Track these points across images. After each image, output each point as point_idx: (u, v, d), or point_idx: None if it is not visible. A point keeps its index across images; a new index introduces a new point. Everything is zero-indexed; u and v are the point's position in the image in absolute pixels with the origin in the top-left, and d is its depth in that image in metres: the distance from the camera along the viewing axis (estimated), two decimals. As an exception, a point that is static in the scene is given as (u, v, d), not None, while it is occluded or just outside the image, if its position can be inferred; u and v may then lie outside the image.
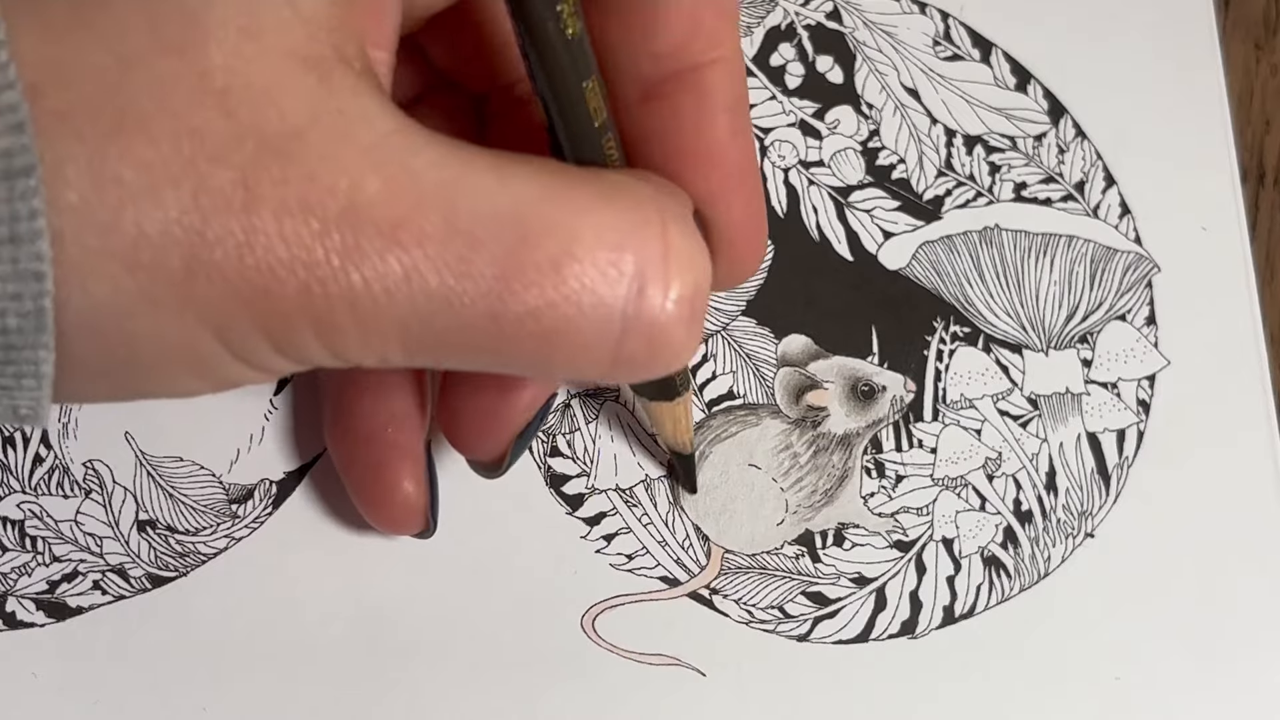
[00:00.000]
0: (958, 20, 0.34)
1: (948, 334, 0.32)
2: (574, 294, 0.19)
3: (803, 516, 0.31)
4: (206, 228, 0.18)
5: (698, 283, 0.20)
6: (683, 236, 0.20)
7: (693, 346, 0.21)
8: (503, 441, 0.27)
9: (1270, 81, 0.35)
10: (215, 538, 0.31)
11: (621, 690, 0.30)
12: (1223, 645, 0.31)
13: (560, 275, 0.19)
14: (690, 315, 0.20)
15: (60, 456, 0.31)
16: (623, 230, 0.20)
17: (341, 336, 0.19)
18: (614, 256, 0.19)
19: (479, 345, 0.20)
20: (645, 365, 0.21)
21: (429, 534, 0.29)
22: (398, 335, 0.19)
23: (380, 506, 0.28)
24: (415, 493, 0.28)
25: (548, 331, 0.19)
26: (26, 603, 0.30)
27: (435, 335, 0.19)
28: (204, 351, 0.19)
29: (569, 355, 0.20)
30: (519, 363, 0.20)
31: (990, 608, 0.31)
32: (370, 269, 0.18)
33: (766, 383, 0.32)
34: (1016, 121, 0.33)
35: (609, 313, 0.20)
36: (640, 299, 0.20)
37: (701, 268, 0.21)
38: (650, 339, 0.20)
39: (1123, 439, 0.32)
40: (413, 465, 0.28)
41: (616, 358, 0.20)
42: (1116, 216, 0.33)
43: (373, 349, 0.20)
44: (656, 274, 0.20)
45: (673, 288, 0.20)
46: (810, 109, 0.33)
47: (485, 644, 0.30)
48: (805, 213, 0.33)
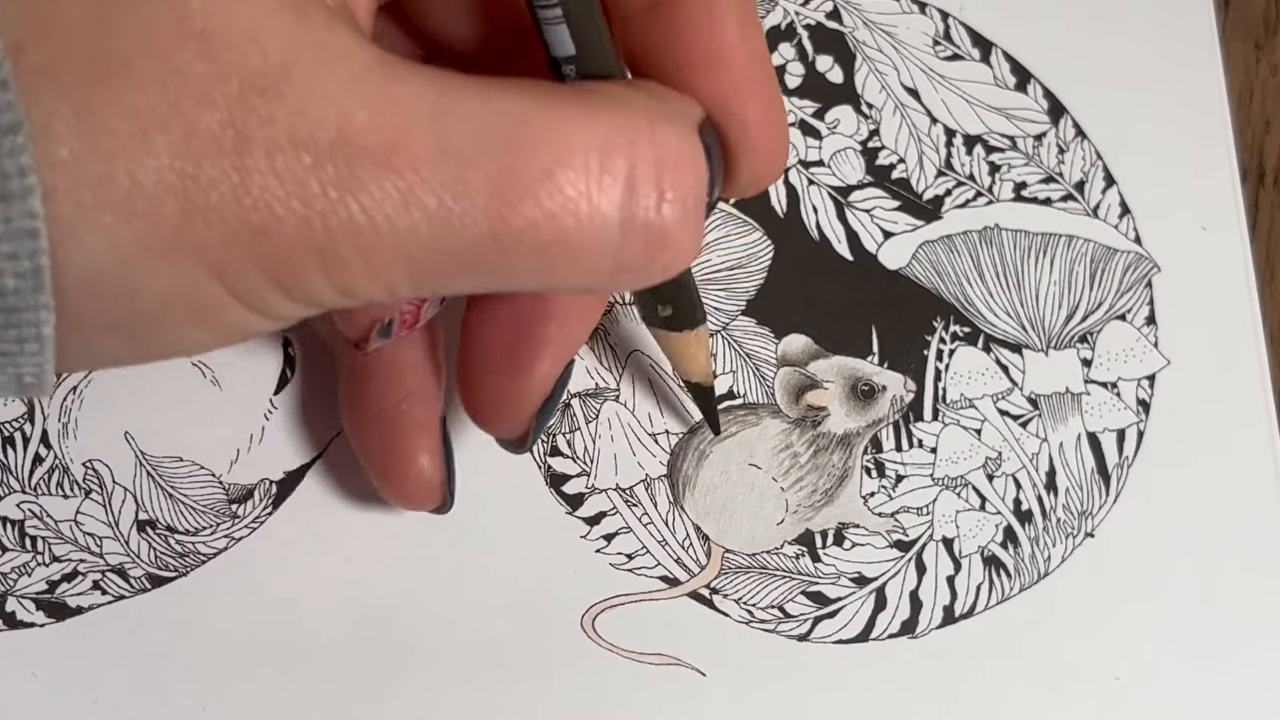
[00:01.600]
0: (958, 20, 0.34)
1: (948, 334, 0.32)
2: (569, 202, 0.19)
3: (803, 516, 0.31)
4: (199, 171, 0.18)
5: (690, 182, 0.21)
6: (672, 137, 0.20)
7: (692, 246, 0.21)
8: (524, 417, 0.27)
9: (1270, 81, 0.35)
10: (215, 538, 0.31)
11: (621, 690, 0.30)
12: (1223, 645, 0.31)
13: (554, 184, 0.19)
14: (685, 214, 0.20)
15: (60, 456, 0.31)
16: (611, 135, 0.20)
17: (346, 269, 0.19)
18: (604, 161, 0.20)
19: (483, 264, 0.20)
20: (646, 268, 0.21)
21: (446, 509, 0.29)
22: (402, 262, 0.19)
23: (398, 482, 0.28)
24: (432, 467, 0.28)
25: (547, 243, 0.19)
26: (26, 602, 0.30)
27: (439, 258, 0.19)
28: (208, 298, 0.19)
29: (571, 264, 0.20)
30: (523, 277, 0.20)
31: (990, 607, 0.31)
32: (368, 197, 0.18)
33: (766, 382, 0.32)
34: (1016, 121, 0.33)
35: (605, 219, 0.20)
36: (633, 201, 0.20)
37: (694, 167, 0.21)
38: (647, 241, 0.20)
39: (1123, 439, 0.32)
40: (429, 440, 0.28)
41: (617, 263, 0.20)
42: (1116, 216, 0.33)
43: (379, 280, 0.19)
44: (647, 175, 0.20)
45: (667, 188, 0.20)
46: (810, 109, 0.33)
47: (485, 644, 0.30)
48: (805, 212, 0.33)
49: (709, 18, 0.23)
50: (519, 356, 0.26)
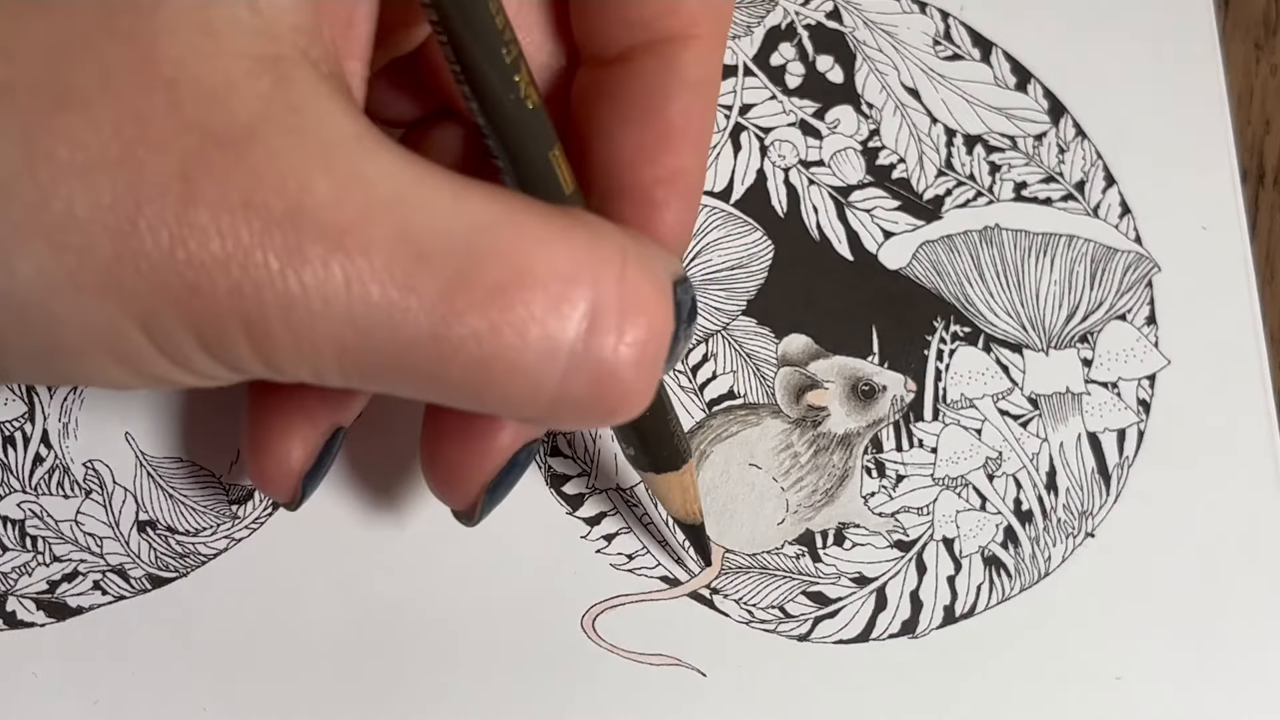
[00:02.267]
0: (958, 20, 0.34)
1: (948, 334, 0.32)
2: (519, 322, 0.19)
3: (803, 516, 0.31)
4: (139, 216, 0.17)
5: (653, 330, 0.20)
6: (643, 277, 0.20)
7: (645, 393, 0.20)
8: (473, 489, 0.26)
9: (1270, 81, 0.35)
10: (215, 538, 0.31)
11: (621, 690, 0.30)
12: (1223, 645, 0.31)
13: (507, 300, 0.18)
14: (642, 359, 0.20)
15: (60, 456, 0.31)
16: (579, 263, 0.19)
17: (274, 344, 0.18)
18: (566, 290, 0.19)
19: (417, 367, 0.19)
20: (589, 407, 0.20)
21: (293, 507, 0.28)
22: (333, 348, 0.19)
23: (259, 457, 0.26)
24: (298, 457, 0.26)
25: (488, 358, 0.19)
26: (27, 602, 0.30)
27: (372, 351, 0.19)
28: (129, 343, 0.19)
29: (508, 386, 0.19)
30: (457, 390, 0.19)
31: (991, 607, 0.31)
32: (310, 275, 0.18)
33: (767, 382, 0.32)
34: (1017, 121, 0.33)
35: (554, 346, 0.19)
36: (589, 336, 0.19)
37: (660, 315, 0.20)
38: (596, 379, 0.19)
39: (1123, 439, 0.32)
40: (310, 432, 0.26)
41: (559, 395, 0.19)
42: (1117, 216, 0.33)
43: (306, 360, 0.19)
44: (610, 312, 0.19)
45: (627, 329, 0.19)
46: (810, 108, 0.33)
47: (485, 644, 0.30)
48: (805, 212, 0.33)
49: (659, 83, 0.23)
50: (480, 425, 0.25)
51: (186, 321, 0.18)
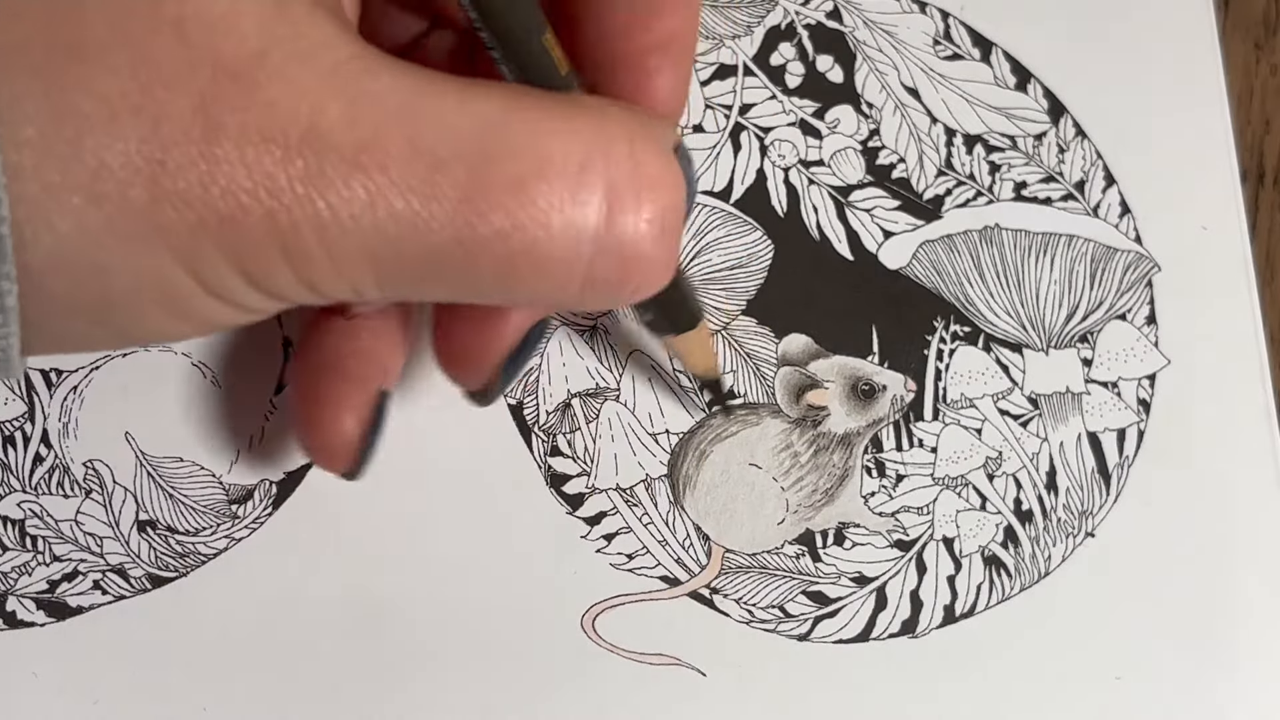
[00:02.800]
0: (958, 20, 0.34)
1: (948, 333, 0.32)
2: (541, 215, 0.19)
3: (803, 516, 0.31)
4: (168, 156, 0.18)
5: (669, 200, 0.20)
6: (652, 154, 0.20)
7: (668, 265, 0.21)
8: (489, 368, 0.26)
9: (1270, 81, 0.35)
10: (215, 538, 0.31)
11: (621, 690, 0.30)
12: (1223, 645, 0.31)
13: (526, 195, 0.19)
14: (662, 233, 0.20)
15: (60, 456, 0.31)
16: (589, 149, 0.19)
17: (312, 265, 0.19)
18: (581, 176, 0.19)
19: (449, 271, 0.19)
20: (618, 287, 0.20)
21: (354, 476, 0.28)
22: (368, 262, 0.19)
23: (314, 434, 0.27)
24: (352, 427, 0.27)
25: (516, 254, 0.19)
26: (27, 602, 0.30)
27: (404, 261, 0.19)
28: (175, 285, 0.19)
29: (537, 278, 0.20)
30: (490, 288, 0.20)
31: (991, 607, 0.31)
32: (335, 194, 0.18)
33: (767, 382, 0.32)
34: (1016, 121, 0.33)
35: (578, 234, 0.19)
36: (610, 218, 0.19)
37: (673, 185, 0.20)
38: (622, 259, 0.20)
39: (1123, 438, 0.32)
40: (360, 400, 0.27)
41: (588, 279, 0.20)
42: (1117, 216, 0.33)
43: (344, 277, 0.19)
44: (626, 192, 0.20)
45: (644, 206, 0.20)
46: (810, 108, 0.33)
47: (485, 644, 0.30)
48: (805, 212, 0.33)
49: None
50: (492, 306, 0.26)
51: (227, 254, 0.19)
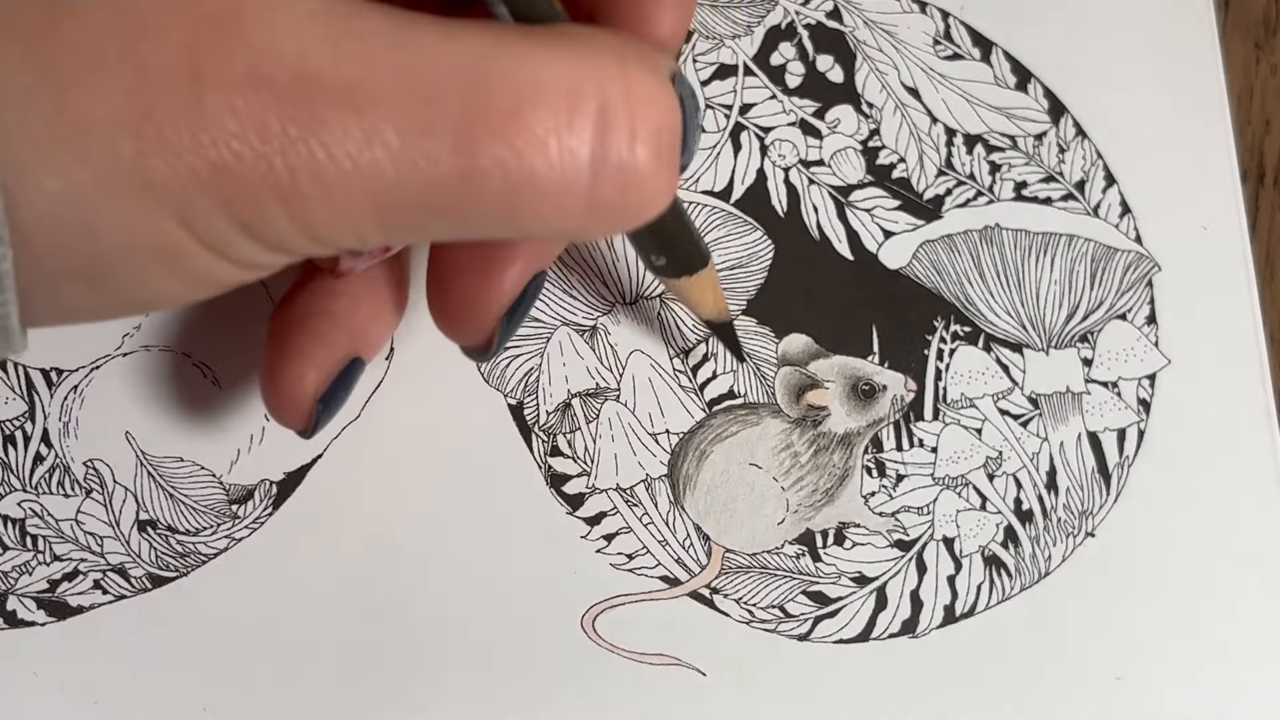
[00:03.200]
0: (958, 19, 0.34)
1: (948, 333, 0.32)
2: (538, 141, 0.19)
3: (803, 516, 0.31)
4: (154, 107, 0.18)
5: (664, 120, 0.20)
6: (644, 74, 0.20)
7: (668, 185, 0.21)
8: (488, 322, 0.26)
9: (1270, 81, 0.35)
10: (216, 538, 0.31)
11: (621, 690, 0.30)
12: (1222, 645, 0.31)
13: (522, 123, 0.19)
14: (658, 153, 0.20)
15: (61, 455, 0.31)
16: (579, 73, 0.19)
17: (310, 210, 0.19)
18: (573, 100, 0.19)
19: (450, 207, 0.19)
20: (619, 211, 0.20)
21: (308, 435, 0.27)
22: (368, 203, 0.19)
23: (273, 384, 0.27)
24: (312, 383, 0.26)
25: (515, 184, 0.19)
26: (27, 601, 0.30)
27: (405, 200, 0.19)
28: (171, 241, 0.19)
29: (540, 206, 0.20)
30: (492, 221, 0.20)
31: (991, 607, 0.31)
32: (329, 135, 0.18)
33: (767, 382, 0.32)
34: (1017, 121, 0.33)
35: (575, 159, 0.19)
36: (605, 140, 0.19)
37: (667, 105, 0.20)
38: (621, 182, 0.20)
39: (1123, 438, 0.32)
40: (325, 359, 0.27)
41: (590, 205, 0.20)
42: (1117, 216, 0.33)
43: (344, 221, 0.19)
44: (620, 114, 0.19)
45: (639, 126, 0.20)
46: (810, 108, 0.33)
47: (485, 644, 0.30)
48: (806, 212, 0.33)
49: None
50: (490, 255, 0.26)
51: (221, 204, 0.18)
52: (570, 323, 0.32)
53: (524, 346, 0.32)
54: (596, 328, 0.32)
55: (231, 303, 0.31)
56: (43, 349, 0.31)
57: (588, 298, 0.32)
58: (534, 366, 0.32)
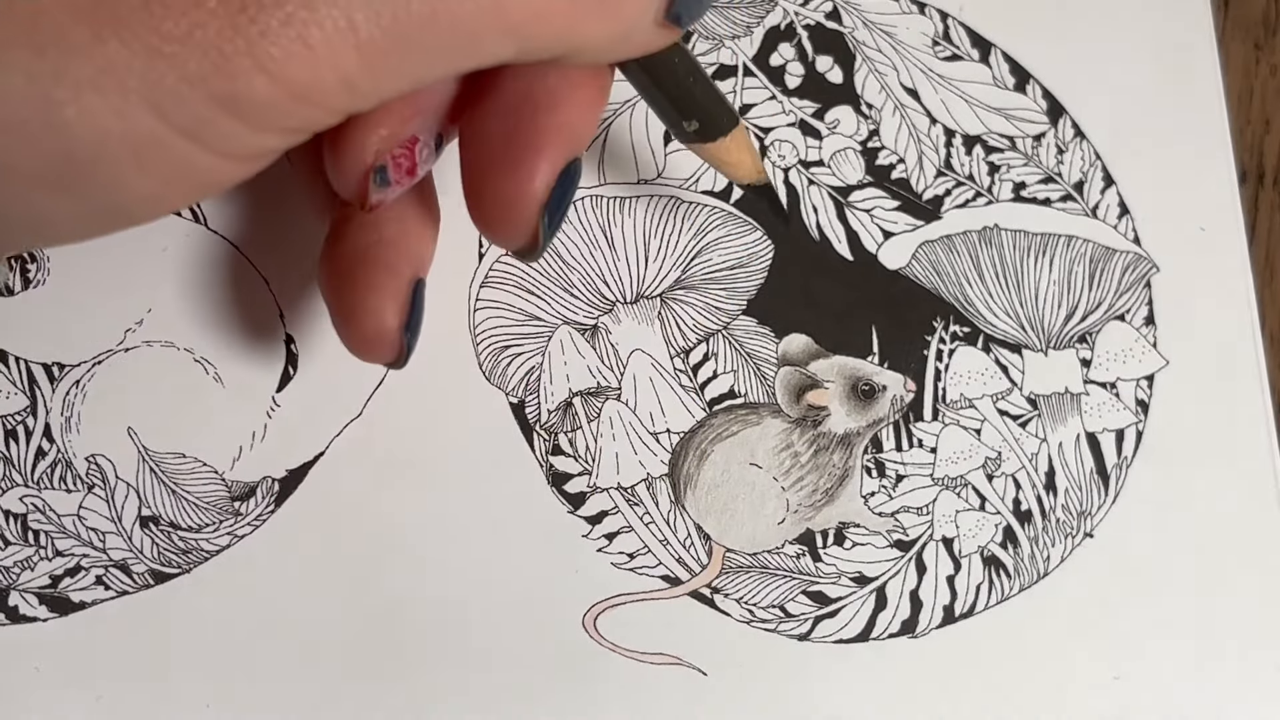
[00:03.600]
0: (957, 20, 0.34)
1: (947, 334, 0.32)
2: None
3: (803, 516, 0.31)
4: None
5: None
6: None
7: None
8: (530, 218, 0.25)
9: (1270, 81, 0.35)
10: (218, 535, 0.31)
11: (622, 689, 0.30)
12: (1222, 644, 0.31)
13: None
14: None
15: (63, 450, 0.31)
16: None
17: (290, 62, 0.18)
18: None
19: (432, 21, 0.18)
20: None
21: (400, 364, 0.27)
22: (346, 39, 0.18)
23: (354, 322, 0.26)
24: (392, 315, 0.26)
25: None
26: (29, 597, 0.31)
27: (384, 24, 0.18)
28: (143, 129, 0.18)
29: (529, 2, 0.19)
30: (477, 27, 0.19)
31: (990, 607, 0.31)
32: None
33: (767, 382, 0.32)
34: (1016, 121, 0.33)
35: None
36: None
37: None
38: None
39: (1122, 439, 0.32)
40: (395, 288, 0.26)
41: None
42: (1115, 216, 0.33)
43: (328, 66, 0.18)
44: None
45: None
46: (810, 109, 0.34)
47: (486, 643, 0.30)
48: (805, 212, 0.33)
49: None
50: (519, 152, 0.25)
51: (192, 79, 0.18)
52: (571, 322, 0.32)
53: (525, 345, 0.32)
54: (598, 327, 0.32)
55: (234, 299, 0.32)
56: (46, 344, 0.31)
57: (588, 297, 0.32)
58: (535, 365, 0.32)
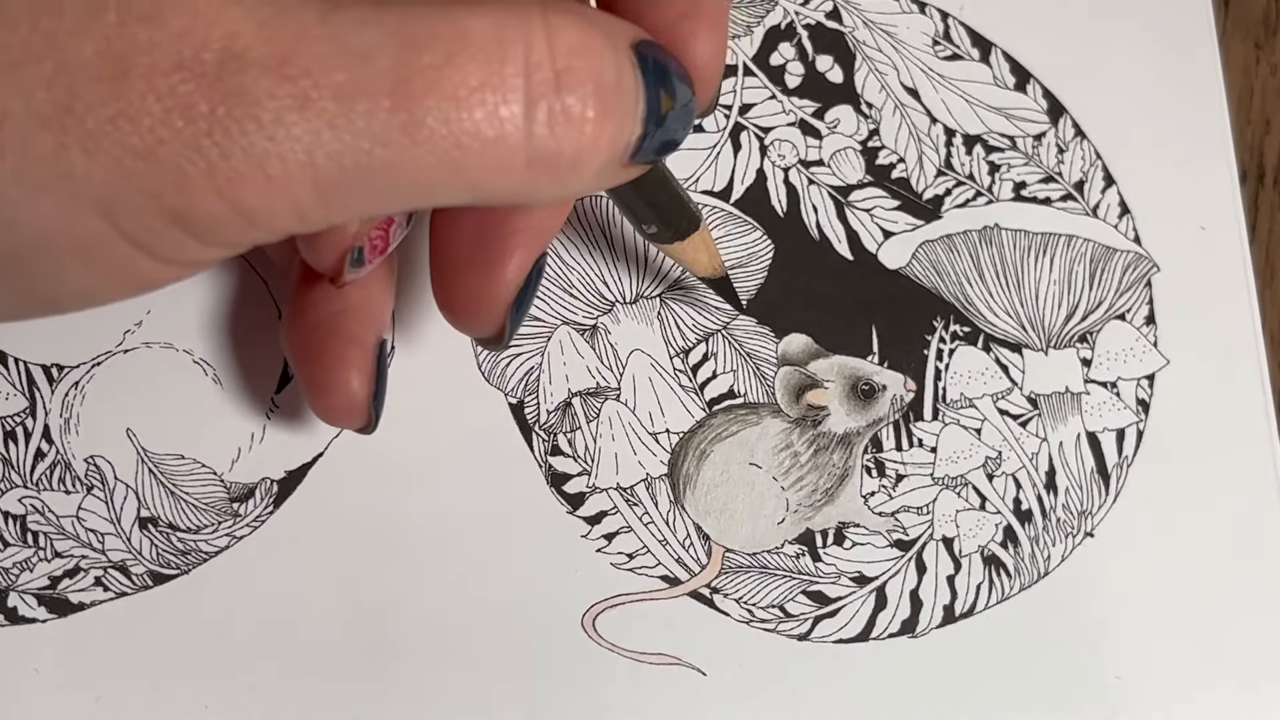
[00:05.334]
0: (957, 20, 0.34)
1: (948, 333, 0.32)
2: (473, 92, 0.19)
3: (803, 515, 0.31)
4: (75, 101, 0.17)
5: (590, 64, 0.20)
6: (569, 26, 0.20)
7: (605, 134, 0.20)
8: (498, 314, 0.26)
9: (1270, 81, 0.35)
10: (216, 536, 0.31)
11: (622, 690, 0.30)
12: (1222, 644, 0.31)
13: (455, 73, 0.19)
14: (588, 95, 0.20)
15: (62, 452, 0.31)
16: (502, 22, 0.19)
17: (246, 187, 0.18)
18: (501, 49, 0.19)
19: (390, 166, 0.19)
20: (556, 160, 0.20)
21: (370, 430, 0.29)
22: (307, 176, 0.18)
23: (324, 395, 0.28)
24: (359, 383, 0.27)
25: (457, 139, 0.19)
26: (28, 598, 0.31)
27: (343, 164, 0.19)
28: (91, 234, 0.18)
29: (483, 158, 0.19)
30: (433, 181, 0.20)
31: (990, 607, 0.31)
32: (261, 110, 0.18)
33: (767, 382, 0.32)
34: (1016, 121, 0.33)
35: (510, 108, 0.19)
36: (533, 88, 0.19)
37: (595, 50, 0.20)
38: (551, 125, 0.20)
39: (1122, 438, 0.32)
40: (360, 355, 0.27)
41: (530, 155, 0.20)
42: (1116, 216, 0.33)
43: (284, 197, 0.19)
44: (544, 62, 0.19)
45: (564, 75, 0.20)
46: (810, 108, 0.34)
47: (485, 644, 0.30)
48: (805, 212, 0.33)
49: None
50: (489, 250, 0.26)
51: (148, 193, 0.18)
52: (570, 322, 0.32)
53: (524, 346, 0.32)
54: (597, 327, 0.32)
55: (234, 300, 0.32)
56: (44, 345, 0.31)
57: (588, 297, 0.32)
58: (534, 365, 0.32)
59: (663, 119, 0.22)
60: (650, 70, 0.21)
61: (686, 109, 0.22)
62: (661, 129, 0.22)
